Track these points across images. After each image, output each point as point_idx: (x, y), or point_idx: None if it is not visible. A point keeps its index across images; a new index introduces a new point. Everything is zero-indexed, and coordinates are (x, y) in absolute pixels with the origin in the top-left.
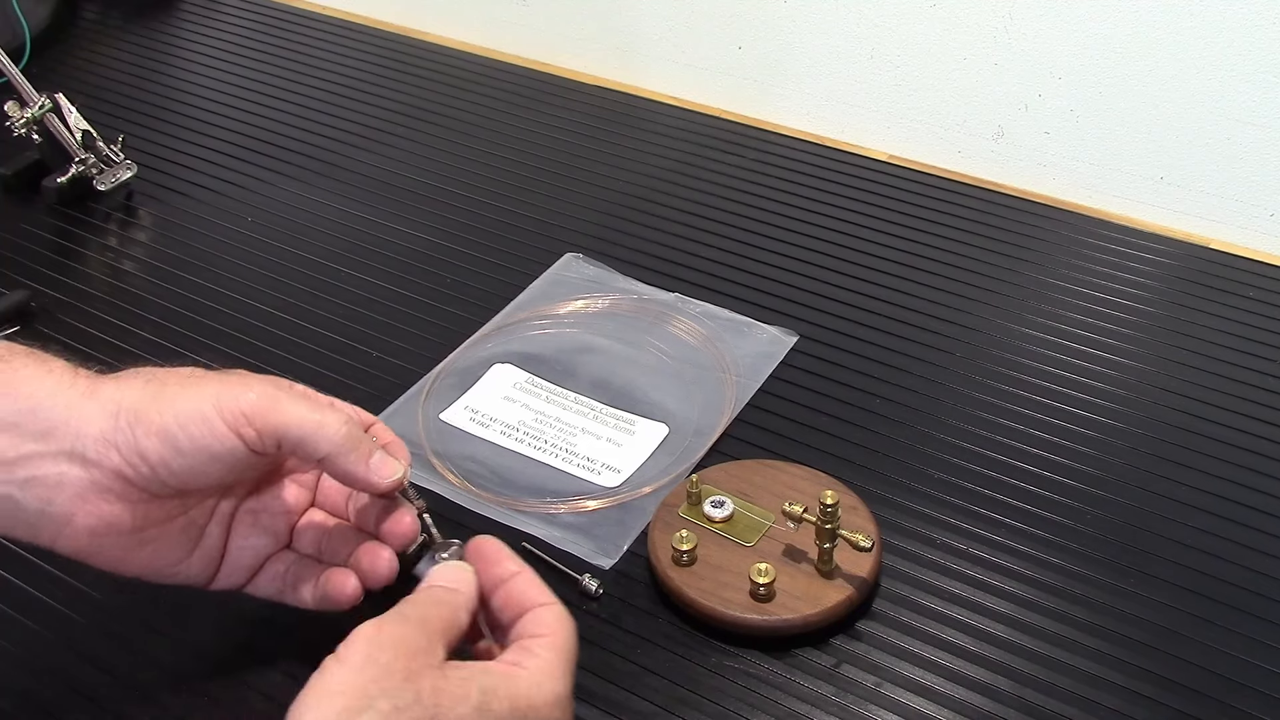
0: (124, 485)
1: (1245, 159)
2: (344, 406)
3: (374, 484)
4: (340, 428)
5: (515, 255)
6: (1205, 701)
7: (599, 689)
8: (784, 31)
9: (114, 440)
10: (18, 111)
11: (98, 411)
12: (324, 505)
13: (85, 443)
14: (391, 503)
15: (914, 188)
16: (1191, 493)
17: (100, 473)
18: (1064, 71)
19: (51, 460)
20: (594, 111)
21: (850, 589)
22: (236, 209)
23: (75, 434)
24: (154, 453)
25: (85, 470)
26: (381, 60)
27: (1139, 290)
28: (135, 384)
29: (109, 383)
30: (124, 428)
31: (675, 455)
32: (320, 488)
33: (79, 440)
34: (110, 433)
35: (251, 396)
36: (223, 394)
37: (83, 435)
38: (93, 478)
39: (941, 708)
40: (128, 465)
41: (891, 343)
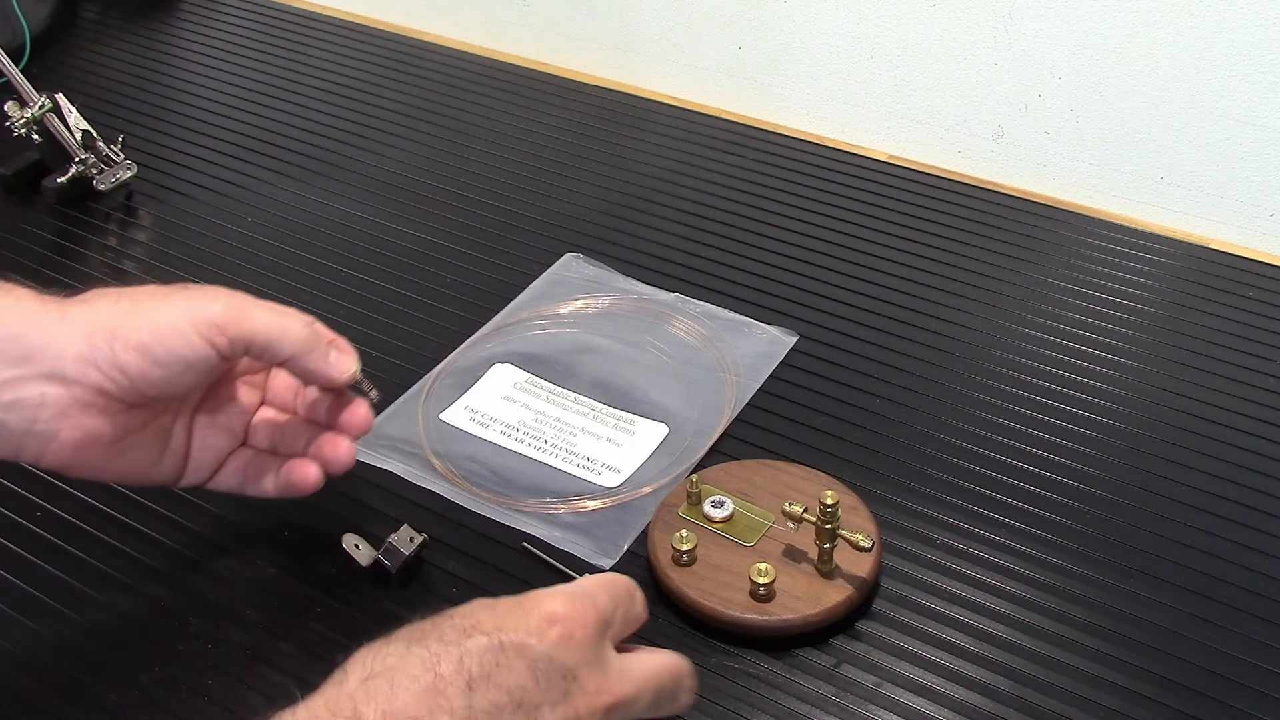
0: (104, 399)
1: (1245, 159)
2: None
3: (333, 378)
4: (302, 330)
5: (515, 255)
6: (1205, 701)
7: None
8: (784, 31)
9: (92, 359)
10: (18, 111)
11: (72, 333)
12: (273, 403)
13: (64, 364)
14: (341, 395)
15: (914, 188)
16: (1191, 493)
17: (81, 390)
18: (1064, 71)
19: (33, 383)
20: (594, 111)
21: (850, 589)
22: (236, 209)
23: (55, 356)
24: (133, 366)
25: (66, 389)
26: (381, 60)
27: (1139, 290)
28: (105, 303)
29: (79, 305)
30: (101, 345)
31: (675, 455)
32: (269, 387)
33: (58, 362)
34: (88, 352)
35: (219, 306)
36: (192, 306)
37: (62, 357)
38: (74, 395)
39: (941, 708)
40: (108, 380)
41: (891, 343)
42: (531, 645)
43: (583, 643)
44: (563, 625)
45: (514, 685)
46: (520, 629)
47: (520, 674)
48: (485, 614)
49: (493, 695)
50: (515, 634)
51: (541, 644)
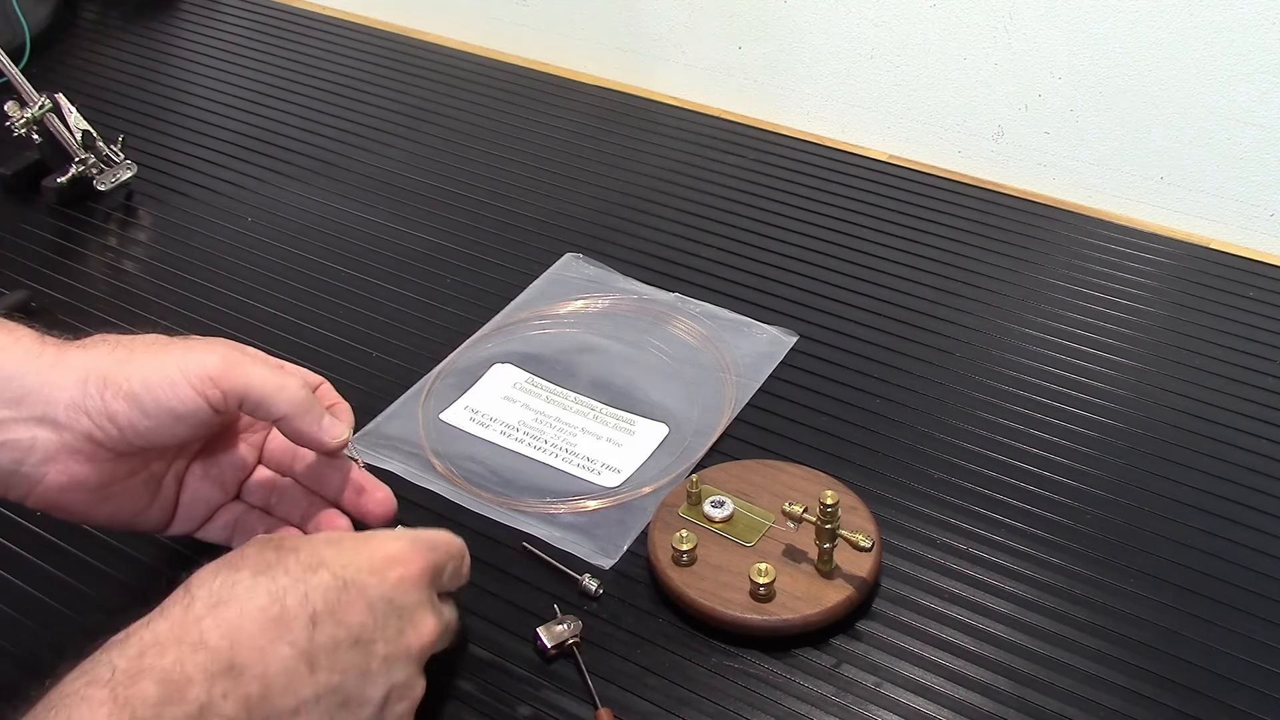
0: (93, 446)
1: (1245, 159)
2: (295, 370)
3: (324, 444)
4: (298, 391)
5: (515, 255)
6: (1205, 701)
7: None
8: (784, 31)
9: (83, 405)
10: (18, 111)
11: (67, 378)
12: (269, 464)
13: (56, 408)
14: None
15: (914, 188)
16: (1191, 493)
17: (71, 435)
18: (1064, 71)
19: (24, 425)
20: (594, 111)
21: (850, 589)
22: (236, 209)
23: (46, 400)
24: (122, 415)
25: (56, 433)
26: (381, 60)
27: (1139, 290)
28: (102, 350)
29: (75, 350)
30: (93, 393)
31: (675, 455)
32: (266, 448)
33: (50, 406)
34: (80, 398)
35: (215, 359)
36: (187, 358)
37: (53, 401)
38: (63, 440)
39: (941, 708)
40: (97, 428)
41: (891, 343)
42: (372, 584)
43: (418, 584)
44: (402, 567)
45: (354, 622)
46: (363, 568)
47: (360, 611)
48: (330, 550)
49: (333, 630)
50: (357, 573)
51: (381, 584)
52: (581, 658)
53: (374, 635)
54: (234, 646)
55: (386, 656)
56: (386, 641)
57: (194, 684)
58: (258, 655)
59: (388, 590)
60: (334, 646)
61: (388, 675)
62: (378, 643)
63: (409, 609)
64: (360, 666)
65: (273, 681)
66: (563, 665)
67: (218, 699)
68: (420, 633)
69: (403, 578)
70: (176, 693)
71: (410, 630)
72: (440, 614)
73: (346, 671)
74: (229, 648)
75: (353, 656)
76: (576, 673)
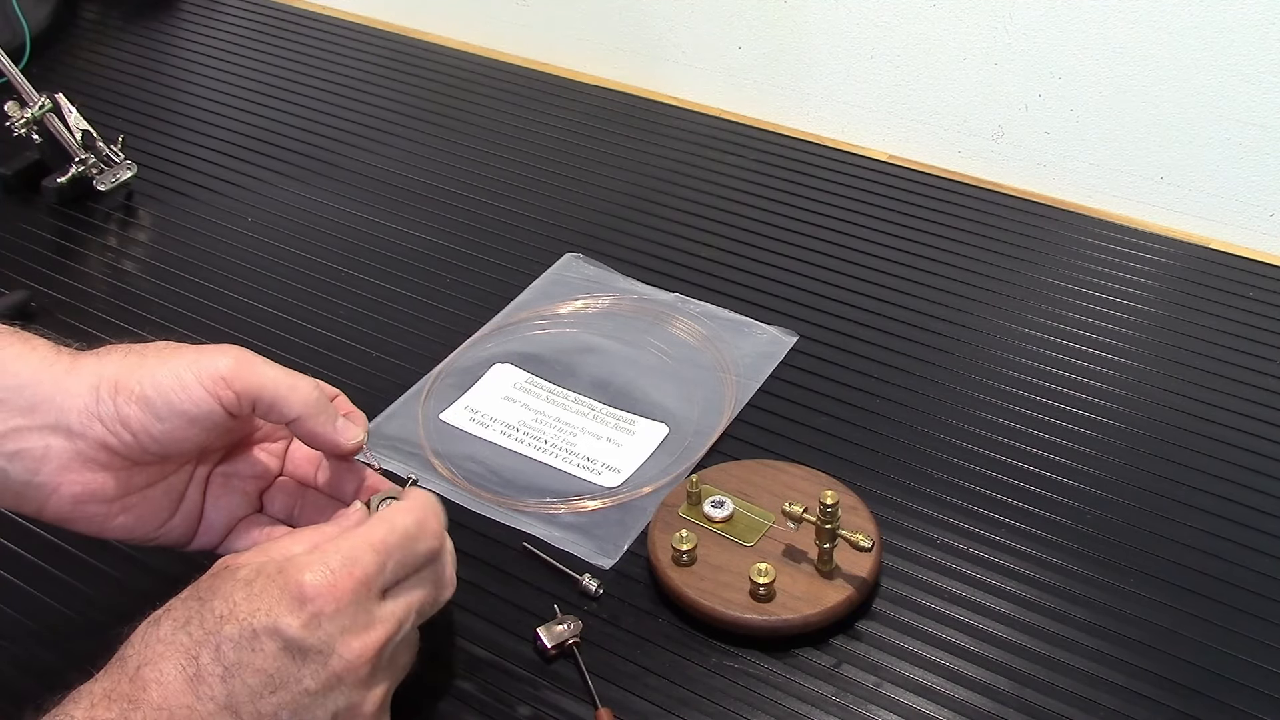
0: (107, 454)
1: (1245, 159)
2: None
3: (340, 445)
4: (311, 392)
5: (515, 255)
6: (1205, 701)
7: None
8: (784, 31)
9: (96, 412)
10: (18, 111)
11: (80, 386)
12: (293, 473)
13: (69, 416)
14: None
15: (914, 188)
16: (1191, 493)
17: (85, 444)
18: (1064, 71)
19: (37, 434)
20: (594, 111)
21: (850, 589)
22: (236, 209)
23: (59, 408)
24: (135, 420)
25: (70, 442)
26: (381, 60)
27: (1139, 290)
28: (114, 357)
29: (89, 358)
30: (105, 399)
31: (675, 455)
32: (289, 456)
33: (63, 414)
34: (92, 405)
35: (228, 360)
36: (200, 360)
37: (66, 409)
38: (77, 449)
39: (941, 708)
40: (111, 435)
41: (891, 343)
42: (280, 628)
43: (336, 615)
44: (313, 604)
45: (269, 668)
46: (270, 610)
47: (273, 656)
48: (241, 594)
49: (250, 680)
50: (265, 616)
51: (290, 625)
52: (581, 658)
53: (295, 674)
54: (166, 705)
55: (317, 690)
56: (312, 675)
57: None
58: (188, 713)
59: (298, 632)
60: (255, 695)
61: (325, 705)
62: (304, 679)
63: (329, 641)
64: (291, 706)
65: None
66: (563, 665)
67: None
68: (351, 655)
69: (314, 615)
70: None
71: (337, 659)
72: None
73: (278, 714)
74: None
75: (278, 700)
76: (576, 673)
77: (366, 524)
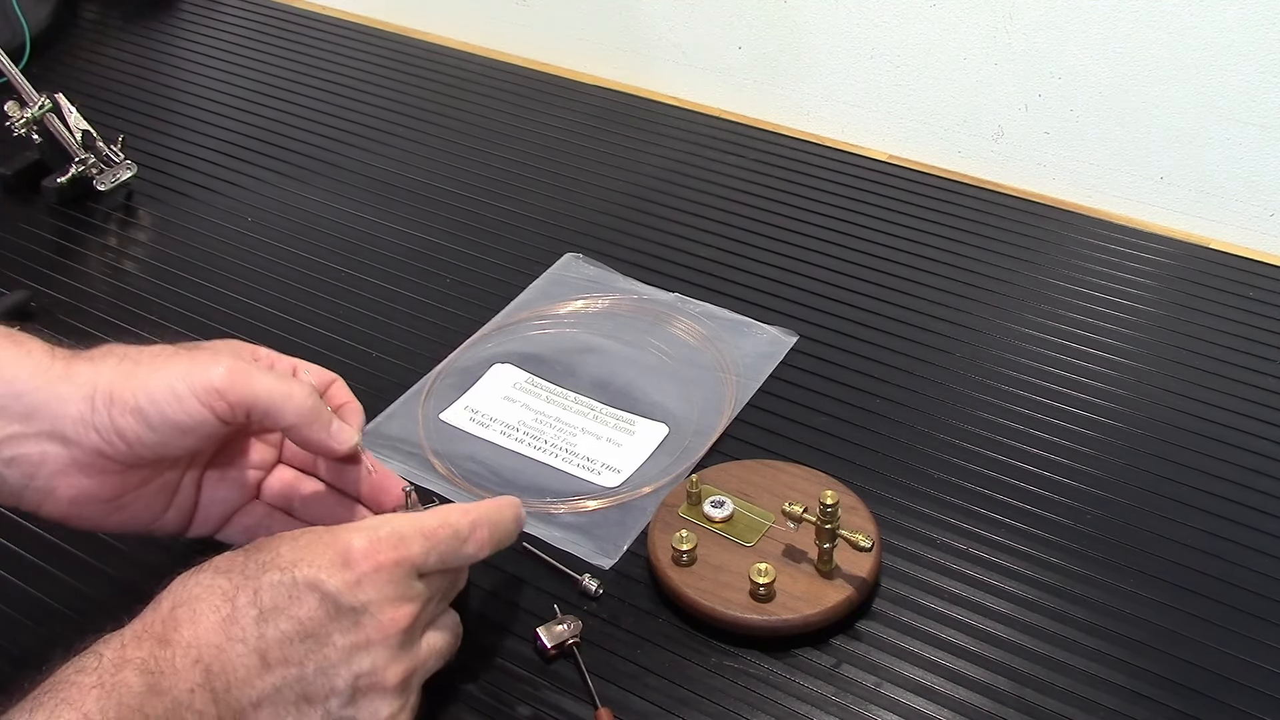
0: (103, 461)
1: (1245, 159)
2: (304, 374)
3: (333, 449)
4: (305, 400)
5: (515, 255)
6: (1205, 701)
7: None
8: (784, 31)
9: (91, 421)
10: (18, 111)
11: (74, 394)
12: (291, 461)
13: (65, 424)
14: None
15: (914, 188)
16: (1191, 493)
17: (80, 450)
18: (1064, 71)
19: (34, 440)
20: (594, 111)
21: (850, 589)
22: (236, 209)
23: (55, 416)
24: (130, 430)
25: (66, 448)
26: (381, 60)
27: (1139, 290)
28: (109, 364)
29: (83, 363)
30: (100, 409)
31: (675, 455)
32: (287, 444)
33: (58, 421)
34: (87, 414)
35: (221, 371)
36: (193, 370)
37: (62, 417)
38: (73, 455)
39: (941, 708)
40: (105, 444)
41: (891, 343)
42: (322, 581)
43: (375, 582)
44: (357, 566)
45: (304, 616)
46: (314, 564)
47: (310, 607)
48: (286, 547)
49: (283, 625)
50: (309, 569)
51: (331, 581)
52: (581, 658)
53: (327, 629)
54: (195, 644)
55: (346, 647)
56: (343, 633)
57: (166, 676)
58: (215, 652)
59: (338, 587)
60: (285, 641)
61: (349, 665)
62: (333, 634)
63: (365, 605)
64: (317, 659)
65: (232, 676)
66: (563, 665)
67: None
68: (384, 621)
69: (354, 577)
70: (155, 684)
71: (370, 622)
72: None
73: (303, 664)
74: (192, 644)
75: (305, 649)
76: (576, 673)
77: (423, 513)
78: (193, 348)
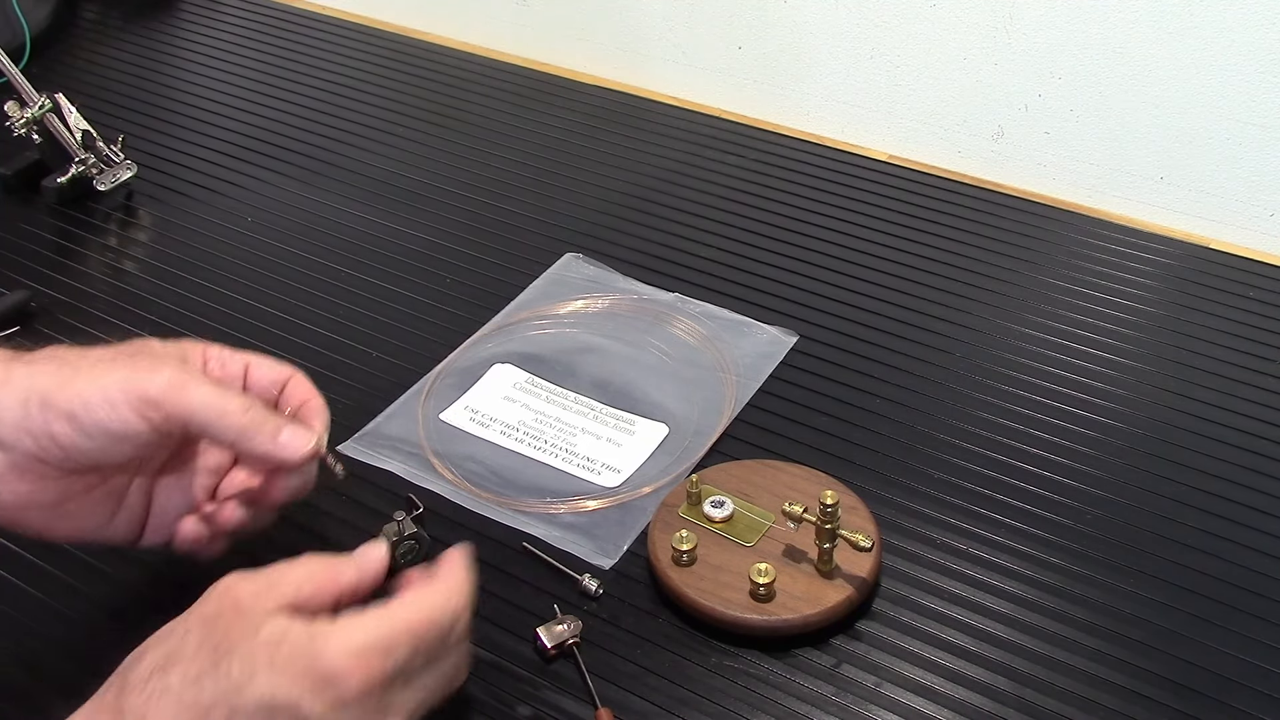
0: (40, 465)
1: (1245, 159)
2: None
3: (282, 461)
4: (240, 416)
5: (515, 255)
6: (1205, 701)
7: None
8: (784, 31)
9: (26, 426)
10: (18, 111)
11: (10, 398)
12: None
13: (2, 428)
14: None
15: (914, 188)
16: (1191, 493)
17: (17, 455)
18: (1064, 71)
19: None
20: (594, 111)
21: (850, 589)
22: (236, 209)
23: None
24: (64, 436)
25: (4, 453)
26: (381, 60)
27: (1139, 290)
28: (47, 368)
29: (21, 366)
30: (34, 414)
31: (675, 455)
32: None
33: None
34: (22, 420)
35: (159, 381)
36: (130, 378)
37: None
38: (11, 459)
39: (941, 708)
40: (40, 449)
41: (891, 343)
42: (304, 706)
43: (361, 700)
44: (339, 687)
45: None
46: (296, 688)
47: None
48: (264, 661)
49: None
50: (289, 693)
51: (314, 708)
52: (581, 658)
53: None
54: None
55: None
56: None
57: None
58: None
59: (320, 712)
60: None
61: None
62: None
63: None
64: None
65: None
66: (563, 665)
67: None
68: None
69: (340, 698)
70: None
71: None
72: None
73: None
74: None
75: None
76: (576, 673)
77: (400, 603)
78: (137, 351)
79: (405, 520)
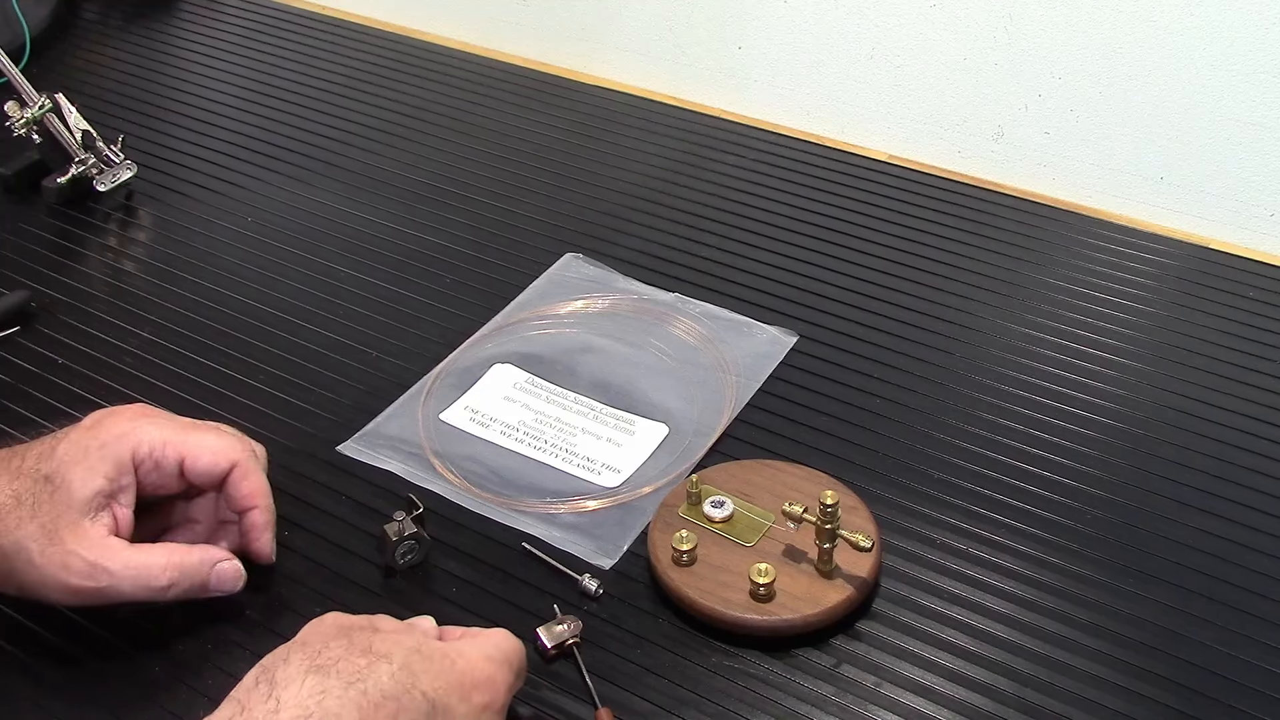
0: None
1: (1245, 159)
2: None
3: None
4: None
5: (515, 255)
6: (1205, 701)
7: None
8: (784, 31)
9: None
10: (18, 111)
11: None
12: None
13: None
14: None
15: (914, 188)
16: (1191, 493)
17: None
18: (1064, 71)
19: None
20: (594, 111)
21: (850, 589)
22: (236, 209)
23: None
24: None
25: None
26: (381, 60)
27: (1139, 290)
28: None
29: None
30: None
31: (675, 455)
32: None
33: None
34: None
35: (79, 564)
36: (53, 577)
37: None
38: None
39: (941, 708)
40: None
41: (891, 343)
42: (458, 710)
43: (498, 710)
44: (489, 692)
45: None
46: (452, 690)
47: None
48: (420, 664)
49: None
50: (446, 694)
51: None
52: (581, 658)
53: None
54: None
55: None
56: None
57: None
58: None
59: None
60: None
61: None
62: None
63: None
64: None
65: None
66: (563, 665)
67: None
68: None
69: (486, 704)
70: None
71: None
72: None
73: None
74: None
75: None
76: (576, 673)
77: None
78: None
79: (405, 520)
